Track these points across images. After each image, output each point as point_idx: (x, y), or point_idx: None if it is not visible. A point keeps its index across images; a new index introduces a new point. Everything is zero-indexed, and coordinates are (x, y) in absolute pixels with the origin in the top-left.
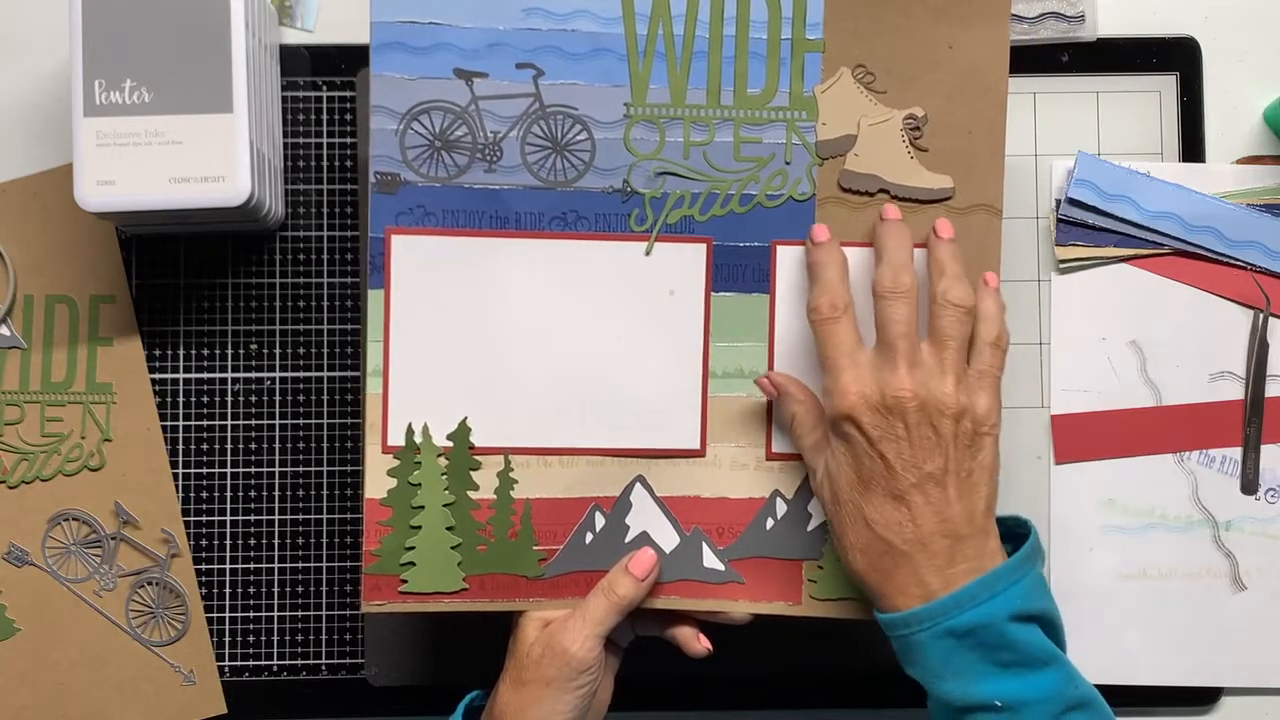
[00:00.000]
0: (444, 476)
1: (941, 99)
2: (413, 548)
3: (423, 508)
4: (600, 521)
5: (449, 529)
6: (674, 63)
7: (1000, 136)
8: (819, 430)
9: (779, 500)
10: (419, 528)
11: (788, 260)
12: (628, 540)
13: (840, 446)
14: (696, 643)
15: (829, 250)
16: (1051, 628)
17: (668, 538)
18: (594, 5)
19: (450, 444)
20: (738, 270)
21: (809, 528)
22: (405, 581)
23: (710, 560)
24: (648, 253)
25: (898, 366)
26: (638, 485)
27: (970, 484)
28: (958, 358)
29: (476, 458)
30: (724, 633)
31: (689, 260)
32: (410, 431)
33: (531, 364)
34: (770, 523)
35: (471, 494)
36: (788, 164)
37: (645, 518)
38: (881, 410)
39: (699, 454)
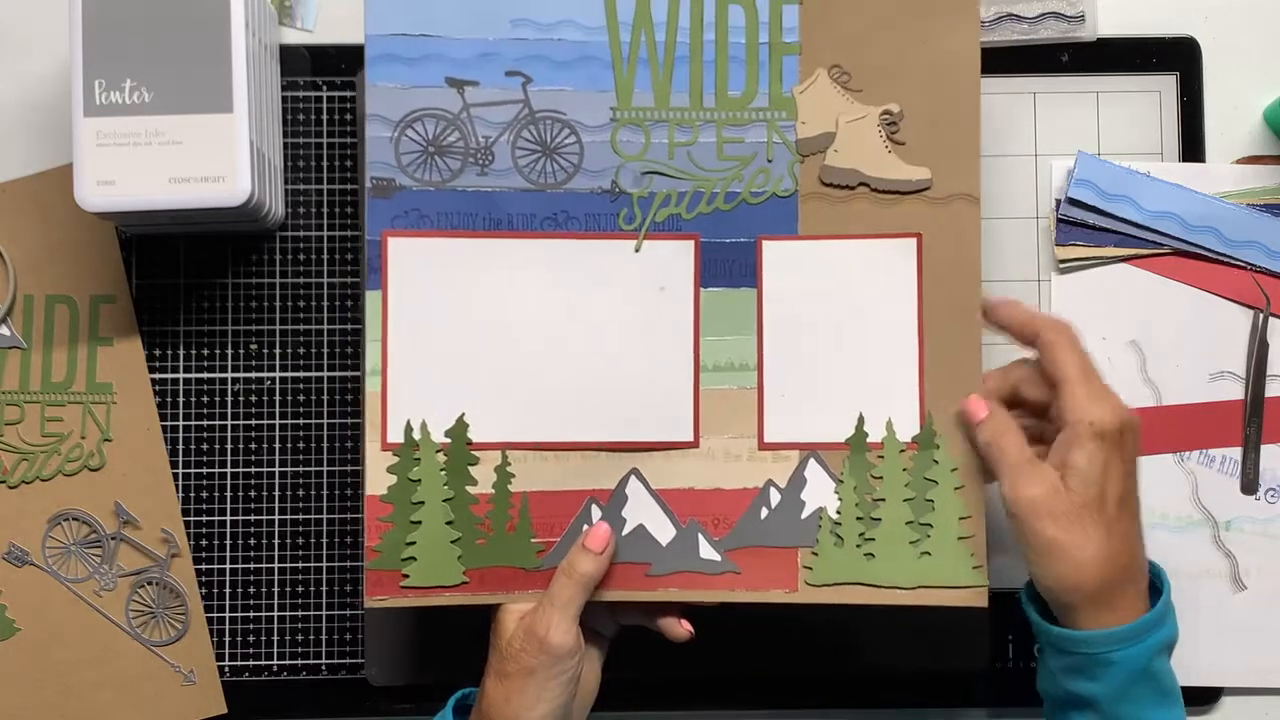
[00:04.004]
0: (443, 472)
1: (916, 94)
2: (413, 543)
3: (422, 503)
4: (597, 514)
5: (448, 523)
6: (657, 68)
7: (975, 127)
8: (1028, 449)
9: (772, 489)
10: (419, 523)
11: (773, 255)
12: (624, 533)
13: (1113, 458)
14: (679, 627)
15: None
16: None
17: (664, 530)
18: (579, 15)
19: (448, 440)
20: (725, 265)
21: (803, 515)
22: (407, 576)
23: (707, 551)
24: (637, 250)
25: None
26: (633, 478)
27: None
28: None
29: (474, 453)
30: (723, 632)
31: (677, 257)
32: (409, 429)
33: (526, 361)
34: (765, 512)
35: (470, 489)
36: (770, 162)
37: (641, 510)
38: (1139, 430)
39: (692, 445)
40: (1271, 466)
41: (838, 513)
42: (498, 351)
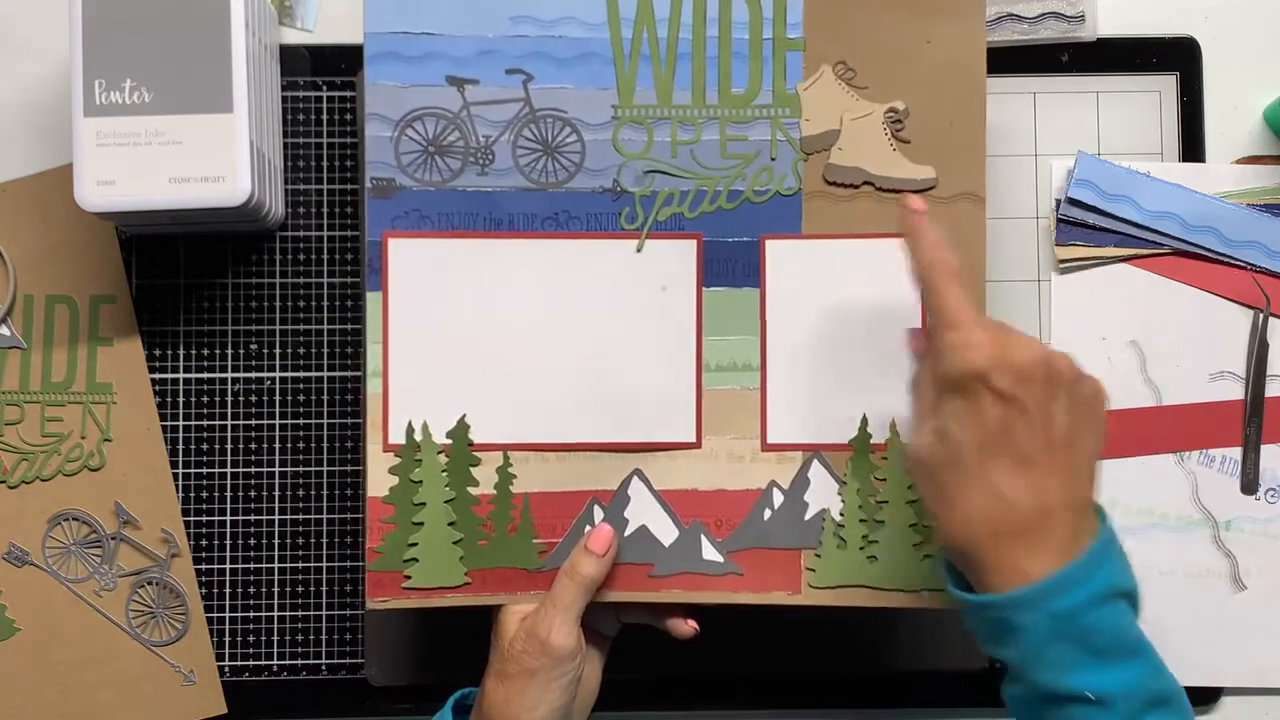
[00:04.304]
0: (444, 473)
1: (922, 92)
2: (415, 544)
3: (424, 504)
4: (599, 515)
5: (450, 525)
6: (659, 64)
7: (981, 126)
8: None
9: (775, 491)
10: (421, 524)
11: (776, 254)
12: (627, 534)
13: (965, 407)
14: (684, 625)
15: (927, 216)
16: (1134, 601)
17: (667, 531)
18: (580, 11)
19: (450, 441)
20: (728, 265)
21: (806, 517)
22: (409, 577)
23: (709, 553)
24: (639, 250)
25: (1020, 333)
26: (635, 479)
27: (1093, 456)
28: None
29: (476, 454)
30: (725, 632)
31: (680, 256)
32: (410, 430)
33: (528, 361)
34: (768, 513)
35: (472, 490)
36: (773, 160)
37: (644, 511)
38: (1014, 369)
39: (695, 446)
40: (1271, 466)
41: (841, 514)
42: (499, 352)
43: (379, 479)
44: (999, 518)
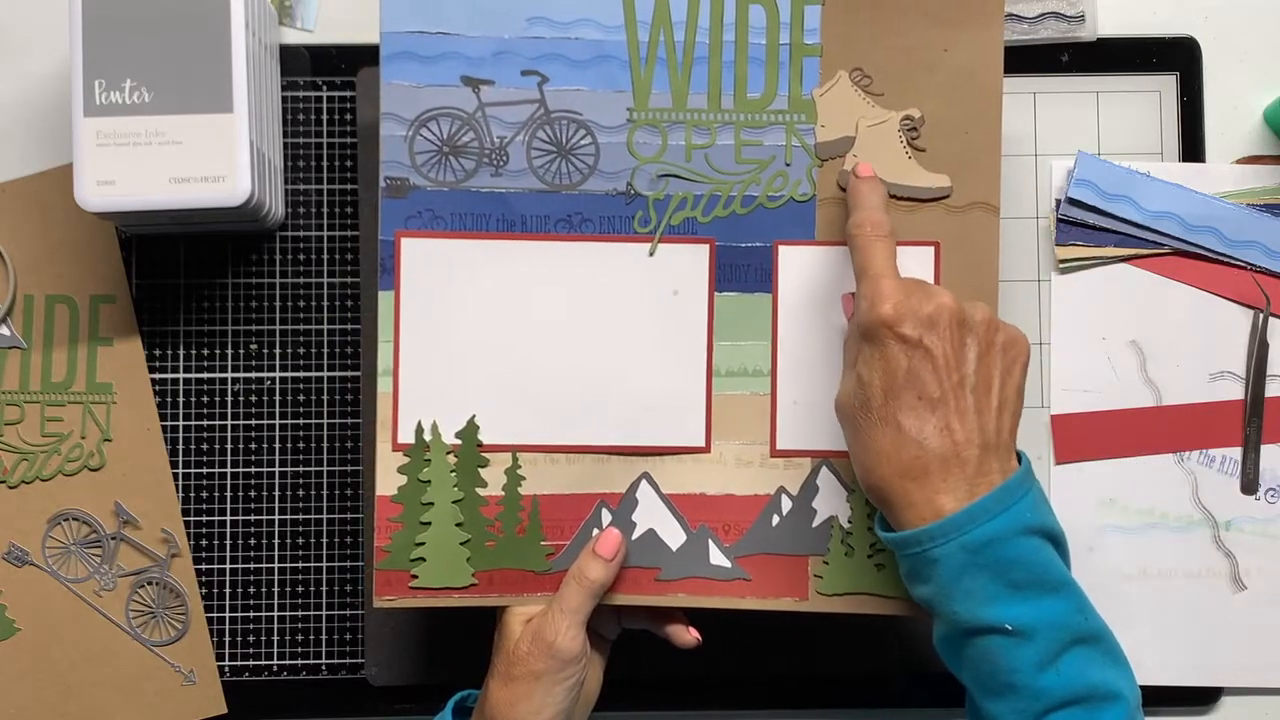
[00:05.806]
0: (453, 474)
1: (938, 100)
2: (423, 543)
3: (432, 504)
4: (607, 518)
5: (458, 525)
6: (675, 68)
7: (996, 136)
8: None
9: (784, 497)
10: (429, 524)
11: (790, 260)
12: (634, 537)
13: (874, 353)
14: (686, 634)
15: (872, 183)
16: (1060, 548)
17: (674, 535)
18: (596, 13)
19: (459, 442)
20: (740, 270)
21: (814, 524)
22: (416, 577)
23: (717, 558)
24: (651, 254)
25: (935, 287)
26: (644, 482)
27: (1006, 399)
28: None
29: (485, 455)
30: (728, 631)
31: (692, 261)
32: (420, 429)
33: (538, 363)
34: (776, 519)
35: (480, 491)
36: (788, 165)
37: (652, 515)
38: (922, 317)
39: (704, 451)
40: (1271, 466)
41: (849, 522)
42: (509, 353)
43: (387, 478)
44: (908, 456)
